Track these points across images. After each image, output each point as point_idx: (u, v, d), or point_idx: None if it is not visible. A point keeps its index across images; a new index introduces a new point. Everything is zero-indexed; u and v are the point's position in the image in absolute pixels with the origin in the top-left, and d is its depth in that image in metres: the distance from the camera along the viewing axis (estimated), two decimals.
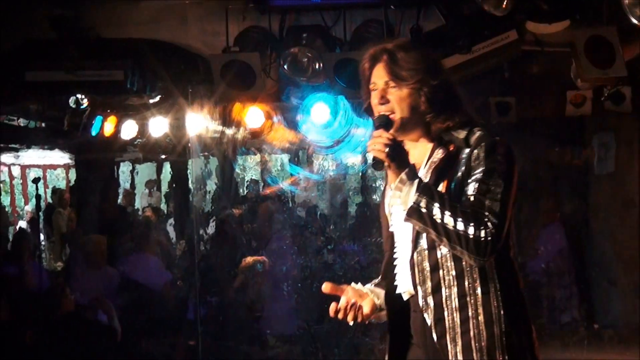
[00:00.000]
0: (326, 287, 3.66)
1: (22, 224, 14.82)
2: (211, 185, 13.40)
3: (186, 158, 11.89)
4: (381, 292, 3.73)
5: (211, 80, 7.36)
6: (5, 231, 12.98)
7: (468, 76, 7.07)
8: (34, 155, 14.79)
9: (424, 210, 3.35)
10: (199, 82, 8.38)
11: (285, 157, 12.90)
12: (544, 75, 9.22)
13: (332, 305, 3.60)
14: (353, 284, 3.75)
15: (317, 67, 7.04)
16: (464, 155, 3.45)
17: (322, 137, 8.63)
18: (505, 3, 6.16)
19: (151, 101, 8.93)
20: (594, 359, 9.49)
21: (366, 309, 3.64)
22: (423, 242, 3.49)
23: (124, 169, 15.52)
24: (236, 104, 8.39)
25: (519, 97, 9.45)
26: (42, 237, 12.60)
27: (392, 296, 3.65)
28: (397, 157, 3.44)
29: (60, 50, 7.06)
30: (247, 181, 14.62)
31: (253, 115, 8.19)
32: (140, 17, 7.36)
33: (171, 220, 13.71)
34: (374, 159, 3.45)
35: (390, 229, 3.70)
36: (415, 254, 3.51)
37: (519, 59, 7.55)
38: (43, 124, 9.87)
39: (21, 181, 16.39)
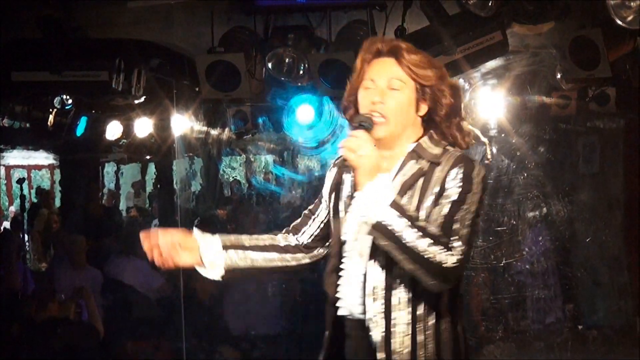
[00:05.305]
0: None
1: (7, 224, 14.72)
2: (196, 185, 13.34)
3: (171, 159, 11.86)
4: (217, 246, 3.49)
5: (196, 81, 7.36)
6: None
7: (453, 77, 7.08)
8: (18, 156, 14.71)
9: (390, 227, 3.06)
10: (184, 83, 8.38)
11: (270, 158, 12.88)
12: (528, 76, 9.24)
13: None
14: (196, 230, 3.51)
15: (302, 67, 7.04)
16: (438, 173, 3.21)
17: (307, 138, 8.65)
18: (490, 4, 6.18)
19: (136, 102, 8.91)
20: None
21: (186, 259, 3.45)
22: (381, 259, 3.24)
23: (109, 169, 15.43)
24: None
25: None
26: (26, 237, 12.53)
27: (331, 309, 3.44)
28: (368, 163, 3.13)
29: (46, 50, 7.04)
30: (231, 182, 14.56)
31: None
32: (126, 18, 7.37)
33: (156, 221, 13.65)
34: (344, 158, 3.22)
35: (342, 237, 3.42)
36: (369, 270, 3.26)
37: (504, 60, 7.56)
38: (28, 125, 9.82)
39: (5, 182, 16.28)
